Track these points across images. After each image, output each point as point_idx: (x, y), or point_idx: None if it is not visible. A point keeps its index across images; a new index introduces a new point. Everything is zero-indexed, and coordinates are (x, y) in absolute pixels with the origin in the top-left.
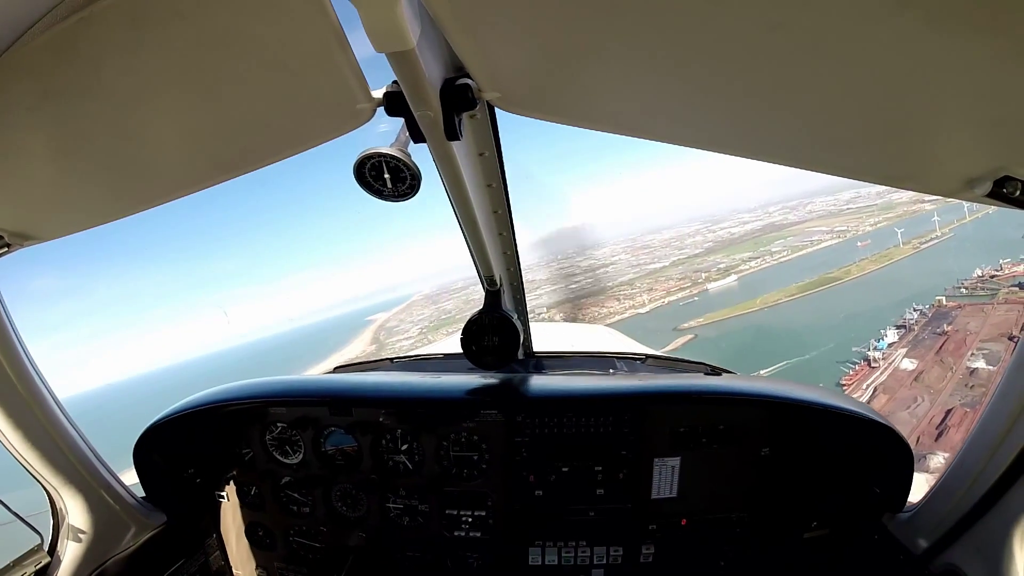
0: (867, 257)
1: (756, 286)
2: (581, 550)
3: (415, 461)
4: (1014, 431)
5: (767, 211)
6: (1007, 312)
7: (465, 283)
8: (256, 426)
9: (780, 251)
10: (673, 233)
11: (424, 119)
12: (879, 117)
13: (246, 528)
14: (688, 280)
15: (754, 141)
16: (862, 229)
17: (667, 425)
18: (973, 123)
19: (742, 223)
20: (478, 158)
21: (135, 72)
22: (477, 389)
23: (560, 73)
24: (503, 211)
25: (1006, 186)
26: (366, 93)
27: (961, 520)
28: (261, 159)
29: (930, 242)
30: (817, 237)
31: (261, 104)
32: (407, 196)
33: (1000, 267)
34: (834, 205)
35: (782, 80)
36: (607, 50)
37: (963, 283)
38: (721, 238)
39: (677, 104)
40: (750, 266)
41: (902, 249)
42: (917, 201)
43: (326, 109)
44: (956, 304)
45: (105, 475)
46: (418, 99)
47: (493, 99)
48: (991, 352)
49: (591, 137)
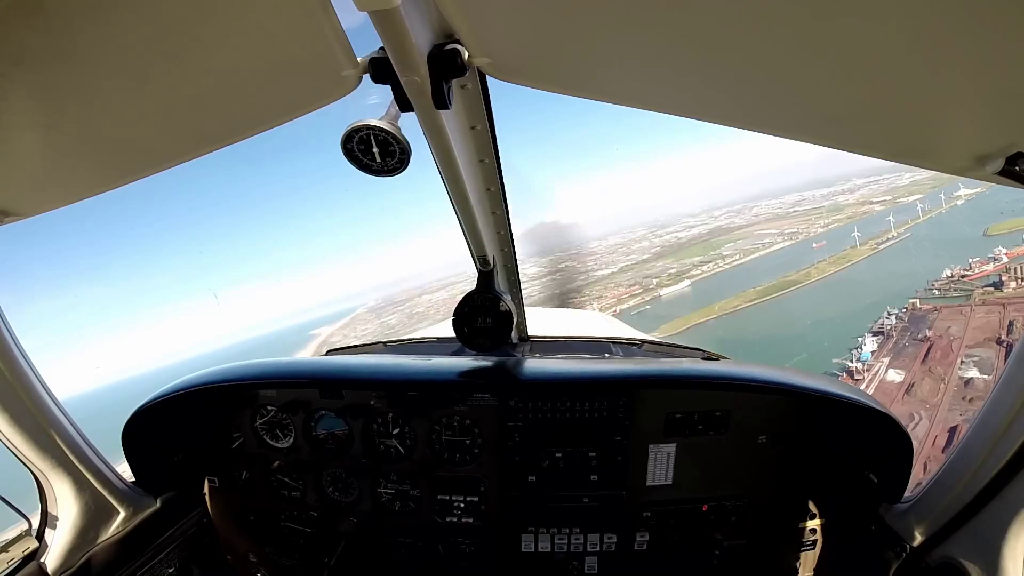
0: (825, 259)
1: (711, 291)
2: (574, 537)
3: (406, 445)
4: (1015, 425)
5: (712, 215)
6: (988, 315)
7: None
8: (246, 410)
9: (732, 255)
10: (619, 239)
11: (411, 85)
12: (887, 89)
13: (236, 513)
14: (639, 286)
15: (757, 112)
16: (813, 231)
17: (662, 411)
18: (984, 97)
19: (688, 227)
20: (470, 132)
21: (112, 38)
22: (469, 372)
23: (552, 38)
24: (496, 188)
25: (1019, 163)
26: (351, 59)
27: (959, 513)
28: (244, 129)
29: (887, 242)
30: (768, 240)
31: (242, 71)
32: (396, 170)
33: (969, 266)
34: (780, 208)
35: (787, 50)
36: (601, 14)
37: (934, 284)
38: (668, 243)
39: (678, 73)
40: (702, 271)
41: (860, 250)
42: (865, 203)
43: (310, 76)
44: (931, 307)
45: (94, 459)
46: (404, 63)
47: (483, 65)
48: (982, 360)
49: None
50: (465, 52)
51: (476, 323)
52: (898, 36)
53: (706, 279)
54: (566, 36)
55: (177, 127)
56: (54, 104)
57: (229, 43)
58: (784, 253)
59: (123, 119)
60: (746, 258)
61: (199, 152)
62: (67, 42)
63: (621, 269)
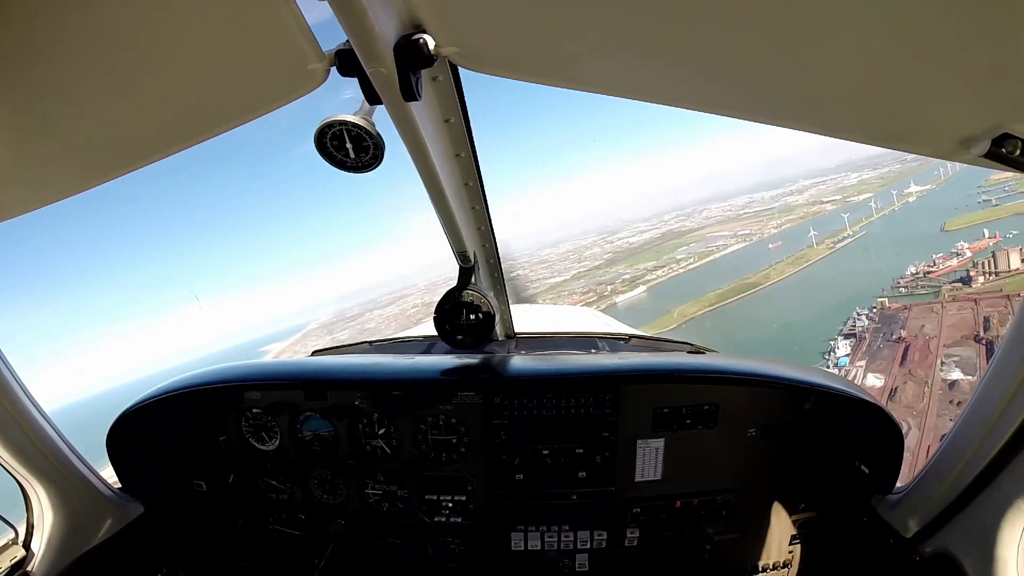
0: (783, 260)
1: (668, 297)
2: (564, 534)
3: (393, 446)
4: (1005, 414)
5: (662, 219)
6: (961, 311)
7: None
8: (232, 412)
9: (686, 258)
10: (570, 246)
11: (377, 76)
12: (868, 71)
13: (224, 516)
14: (594, 293)
15: (736, 98)
16: (767, 232)
17: (649, 405)
18: (968, 76)
19: (639, 232)
20: (444, 125)
21: (75, 36)
22: (453, 369)
23: (519, 26)
24: (474, 183)
25: (1005, 145)
26: (317, 52)
27: (952, 503)
28: (214, 126)
29: (844, 241)
30: (722, 242)
31: (208, 66)
32: (370, 166)
33: (934, 262)
34: (730, 210)
35: (765, 33)
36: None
37: (900, 281)
38: (620, 248)
39: (653, 59)
40: (657, 275)
41: (817, 250)
42: (816, 202)
43: (277, 71)
44: (900, 305)
45: (79, 466)
46: (369, 54)
47: (451, 54)
48: (963, 359)
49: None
50: (432, 41)
51: (458, 320)
52: (878, 16)
53: (662, 284)
54: (533, 24)
55: (146, 125)
56: (16, 103)
57: (193, 38)
58: (739, 255)
59: (92, 118)
60: (701, 261)
61: (170, 150)
62: (27, 40)
63: (574, 276)
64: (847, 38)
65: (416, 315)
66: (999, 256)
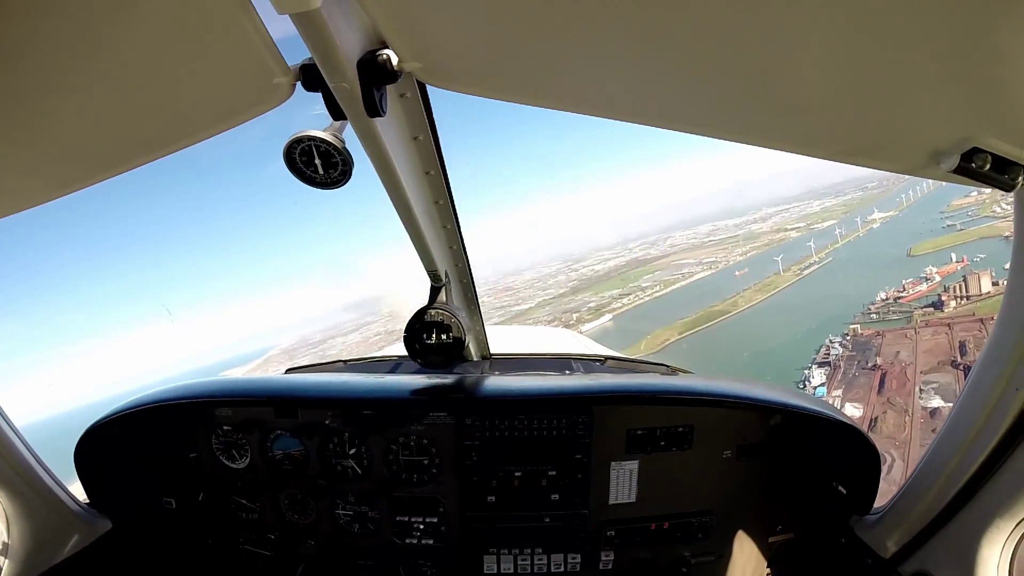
0: (750, 286)
1: (635, 326)
2: (538, 557)
3: (363, 465)
4: (983, 432)
5: (627, 247)
6: (935, 336)
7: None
8: (202, 429)
9: (651, 286)
10: (534, 274)
11: (340, 91)
12: (833, 84)
13: (194, 535)
14: (558, 322)
15: (699, 114)
16: (733, 259)
17: (623, 427)
18: (936, 89)
19: (604, 260)
20: (412, 143)
21: (39, 45)
22: (423, 389)
23: (482, 42)
24: (445, 201)
25: (975, 159)
26: (282, 66)
27: (931, 523)
28: (180, 138)
29: (811, 267)
30: (688, 270)
31: (174, 79)
32: (339, 182)
33: (903, 287)
34: (695, 238)
35: (730, 50)
36: (531, 17)
37: (870, 307)
38: (585, 276)
39: (617, 74)
40: (623, 303)
41: (784, 276)
42: (780, 230)
43: (242, 84)
44: (873, 332)
45: (46, 480)
46: (332, 69)
47: (415, 70)
48: (942, 386)
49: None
50: (395, 57)
51: (428, 339)
52: (844, 29)
53: (628, 312)
54: (496, 41)
55: (113, 136)
56: None
57: (158, 50)
58: (706, 282)
59: (57, 129)
60: (667, 289)
61: (136, 162)
62: None
63: (539, 304)
64: (812, 52)
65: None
66: (970, 280)
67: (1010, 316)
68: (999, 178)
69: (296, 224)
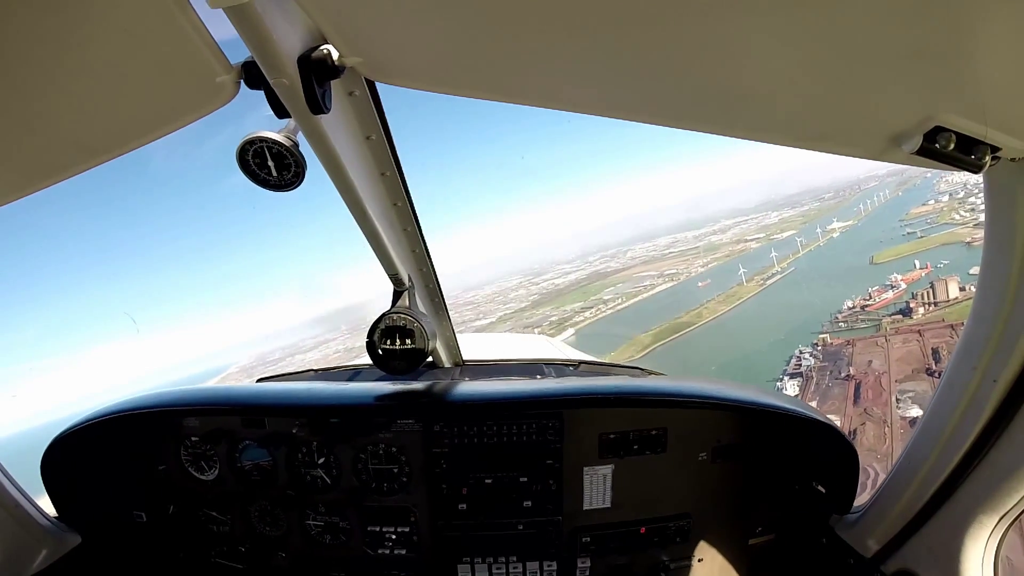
0: (714, 298)
1: (599, 340)
2: (513, 566)
3: (333, 475)
4: (960, 426)
5: (587, 260)
6: (906, 344)
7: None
8: (170, 440)
9: (614, 299)
10: (495, 288)
11: (280, 87)
12: (786, 66)
13: (165, 548)
14: None
15: (652, 102)
16: (694, 270)
17: (595, 431)
18: (893, 64)
19: (564, 273)
20: (365, 142)
21: None
22: (390, 395)
23: (422, 34)
24: (403, 203)
25: (938, 139)
26: (224, 64)
27: (911, 521)
28: (125, 142)
29: (774, 277)
30: (649, 282)
31: (114, 81)
32: (293, 184)
33: (869, 295)
34: (654, 250)
35: (683, 35)
36: (477, 5)
37: (838, 316)
38: (546, 290)
39: (564, 63)
40: (585, 317)
41: (748, 287)
42: (740, 241)
43: (184, 84)
44: (843, 341)
45: (12, 493)
46: (269, 64)
47: (356, 64)
48: (918, 394)
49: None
50: (335, 52)
51: (391, 344)
52: (794, 7)
53: (590, 326)
54: (439, 33)
55: (53, 141)
56: None
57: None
58: (668, 294)
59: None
60: (629, 302)
61: (80, 167)
62: None
63: (500, 319)
64: (762, 36)
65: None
66: (938, 286)
67: (984, 307)
68: (965, 159)
69: (256, 237)
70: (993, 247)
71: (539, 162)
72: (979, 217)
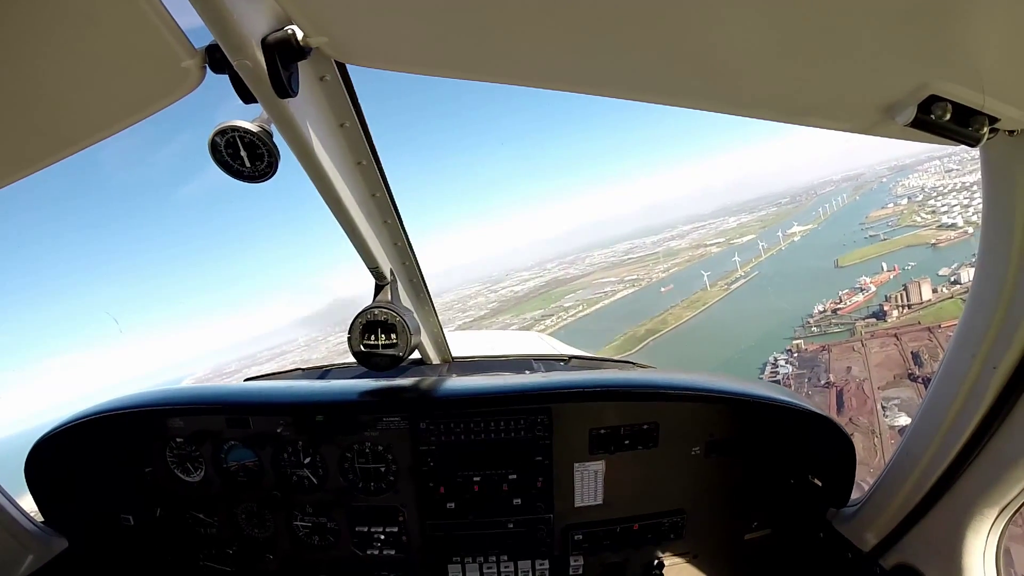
0: (678, 303)
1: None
2: (504, 565)
3: (319, 475)
4: (958, 420)
5: (545, 267)
6: (884, 348)
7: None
8: (155, 442)
9: (575, 306)
10: (453, 296)
11: (244, 69)
12: (771, 34)
13: (152, 552)
14: None
15: (633, 77)
16: (655, 276)
17: (584, 427)
18: (885, 30)
19: (523, 281)
20: (340, 130)
21: None
22: (374, 392)
23: (387, 12)
24: (382, 194)
25: (933, 110)
26: (188, 49)
27: (910, 514)
28: (92, 132)
29: (737, 282)
30: (609, 288)
31: (74, 70)
32: (267, 175)
33: (840, 299)
34: (613, 256)
35: (661, 4)
36: None
37: (809, 320)
38: (505, 297)
39: (540, 39)
40: (545, 325)
41: (712, 292)
42: (699, 246)
43: (148, 71)
44: (818, 346)
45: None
46: (232, 46)
47: (322, 45)
48: (904, 401)
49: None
50: (300, 32)
51: (372, 340)
52: None
53: (551, 334)
54: (403, 9)
55: (15, 133)
56: None
57: (52, 41)
58: (630, 300)
59: None
60: (590, 308)
61: (47, 159)
62: None
63: (459, 327)
64: (745, 6)
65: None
66: (911, 288)
67: (983, 291)
68: (962, 131)
69: (235, 233)
70: (991, 228)
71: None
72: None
